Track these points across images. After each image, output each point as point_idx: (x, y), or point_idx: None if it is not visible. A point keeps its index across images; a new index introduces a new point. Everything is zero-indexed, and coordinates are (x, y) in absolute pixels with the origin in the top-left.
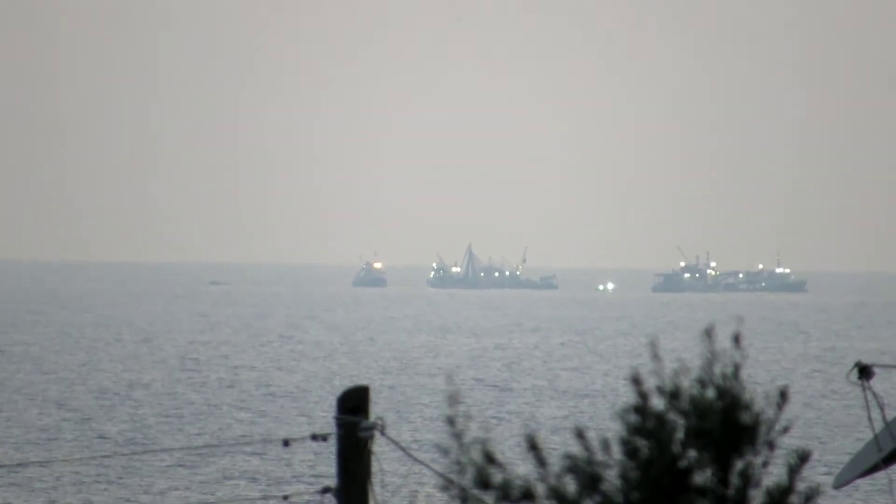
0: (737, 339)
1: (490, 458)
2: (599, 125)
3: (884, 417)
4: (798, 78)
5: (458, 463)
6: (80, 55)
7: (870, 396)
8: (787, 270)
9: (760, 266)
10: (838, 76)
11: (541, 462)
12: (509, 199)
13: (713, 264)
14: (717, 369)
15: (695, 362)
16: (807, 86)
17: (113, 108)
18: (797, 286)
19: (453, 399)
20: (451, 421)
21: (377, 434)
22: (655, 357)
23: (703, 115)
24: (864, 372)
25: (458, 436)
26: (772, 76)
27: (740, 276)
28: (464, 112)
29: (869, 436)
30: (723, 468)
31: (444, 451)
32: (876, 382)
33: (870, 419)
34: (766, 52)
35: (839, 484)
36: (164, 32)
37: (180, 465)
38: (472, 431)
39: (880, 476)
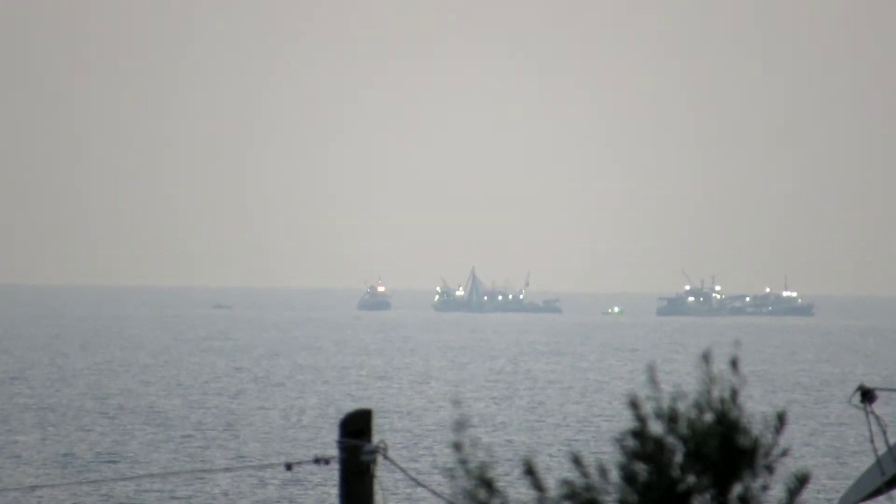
0: (734, 364)
1: (488, 485)
2: (604, 149)
3: (886, 441)
4: (808, 102)
5: (463, 489)
6: (91, 79)
7: (872, 420)
8: (795, 294)
9: (768, 290)
10: (849, 102)
11: (538, 487)
12: (513, 224)
13: (718, 288)
14: (716, 393)
15: (693, 386)
16: (817, 110)
17: (123, 135)
18: (804, 310)
19: (460, 425)
20: (457, 446)
21: (380, 457)
22: (653, 382)
23: (709, 139)
24: (867, 395)
25: (463, 461)
26: (781, 100)
27: (747, 299)
28: (467, 137)
29: (872, 459)
30: (722, 492)
31: (451, 477)
32: (879, 406)
33: (872, 443)
34: (775, 76)
35: None
36: (180, 56)
37: (183, 489)
38: (476, 456)
39: (883, 500)
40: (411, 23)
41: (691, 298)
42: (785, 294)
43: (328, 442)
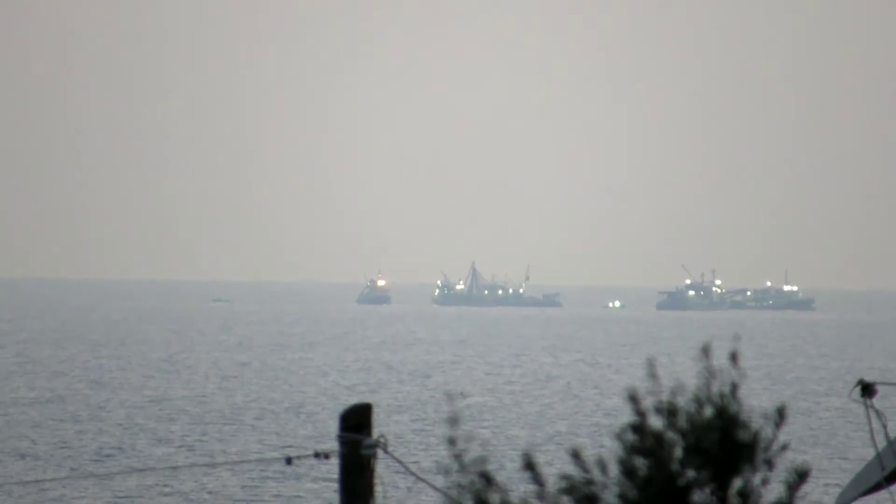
0: (734, 357)
1: (487, 479)
2: (604, 143)
3: (886, 435)
4: (809, 96)
5: (459, 484)
6: (90, 74)
7: (872, 414)
8: (795, 288)
9: (768, 283)
10: (850, 96)
11: (537, 482)
12: (513, 217)
13: (718, 282)
14: (715, 387)
15: (693, 380)
16: (818, 104)
17: (122, 129)
18: (805, 304)
19: (454, 419)
20: (451, 441)
21: (380, 452)
22: (652, 376)
23: (711, 132)
24: (867, 390)
25: (458, 456)
26: (782, 95)
27: (748, 293)
28: (467, 130)
29: (872, 454)
30: (721, 487)
31: (445, 472)
32: (879, 400)
33: (872, 437)
34: (776, 71)
35: (842, 503)
36: (179, 51)
37: (183, 483)
38: (473, 451)
39: (883, 495)
40: (411, 14)
41: (692, 292)
42: (785, 288)
43: (328, 436)
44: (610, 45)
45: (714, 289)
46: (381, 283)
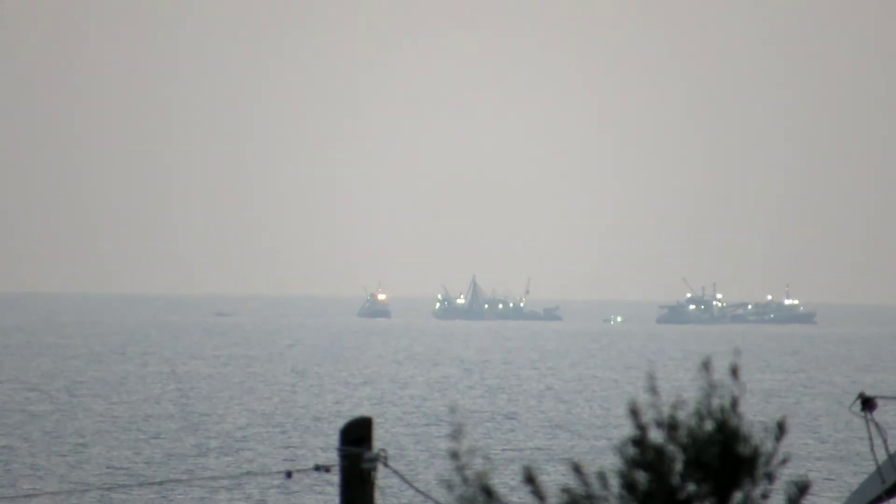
0: (735, 372)
1: (488, 493)
2: (606, 156)
3: (887, 449)
4: (811, 110)
5: (462, 497)
6: (90, 82)
7: (872, 428)
8: (796, 302)
9: (769, 297)
10: (852, 109)
11: (538, 496)
12: (514, 231)
13: (719, 296)
14: (716, 401)
15: (694, 394)
16: (820, 118)
17: (121, 141)
18: (806, 318)
19: (457, 433)
20: (454, 455)
21: (380, 465)
22: (653, 390)
23: (711, 146)
24: (868, 403)
25: (461, 469)
26: (784, 108)
27: (749, 307)
28: (467, 145)
29: (872, 467)
30: (722, 500)
31: (449, 486)
32: (879, 414)
33: (873, 451)
34: (778, 84)
35: None
36: (183, 62)
37: (184, 497)
38: (475, 465)
39: None
40: (410, 27)
41: (692, 306)
42: (787, 302)
43: (328, 450)
44: (611, 58)
45: (715, 303)
46: (381, 296)
